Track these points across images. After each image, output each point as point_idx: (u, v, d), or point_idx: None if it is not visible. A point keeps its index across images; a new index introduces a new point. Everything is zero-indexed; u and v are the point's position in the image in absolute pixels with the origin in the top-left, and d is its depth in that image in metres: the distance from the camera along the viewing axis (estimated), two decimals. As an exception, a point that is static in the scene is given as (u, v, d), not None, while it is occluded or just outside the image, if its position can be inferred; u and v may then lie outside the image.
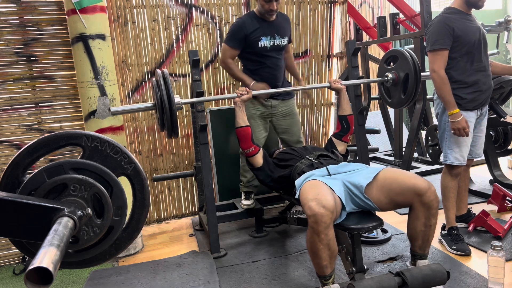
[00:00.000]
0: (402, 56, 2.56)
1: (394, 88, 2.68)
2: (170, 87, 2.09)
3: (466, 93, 2.35)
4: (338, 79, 2.67)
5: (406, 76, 2.55)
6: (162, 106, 2.08)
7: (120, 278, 2.40)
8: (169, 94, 2.08)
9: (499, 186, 3.04)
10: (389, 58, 2.71)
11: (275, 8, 2.73)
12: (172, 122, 2.11)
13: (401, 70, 2.59)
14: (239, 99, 2.46)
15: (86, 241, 1.09)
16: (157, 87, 2.10)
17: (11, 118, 2.75)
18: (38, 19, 2.73)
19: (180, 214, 3.49)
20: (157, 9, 3.18)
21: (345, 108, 2.60)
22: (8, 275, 2.64)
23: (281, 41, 2.87)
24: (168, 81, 2.10)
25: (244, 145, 2.44)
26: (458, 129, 2.31)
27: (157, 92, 2.09)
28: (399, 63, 2.60)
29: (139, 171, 1.21)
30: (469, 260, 2.33)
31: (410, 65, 2.50)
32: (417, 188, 1.88)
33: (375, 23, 4.23)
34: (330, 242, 1.78)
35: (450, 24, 2.28)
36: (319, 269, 1.85)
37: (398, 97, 2.66)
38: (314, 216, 1.72)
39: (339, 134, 2.61)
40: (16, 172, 1.12)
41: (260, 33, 2.78)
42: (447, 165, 2.47)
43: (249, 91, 2.48)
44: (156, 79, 2.13)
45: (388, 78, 2.65)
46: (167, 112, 2.08)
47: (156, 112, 2.16)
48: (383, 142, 4.97)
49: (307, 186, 1.94)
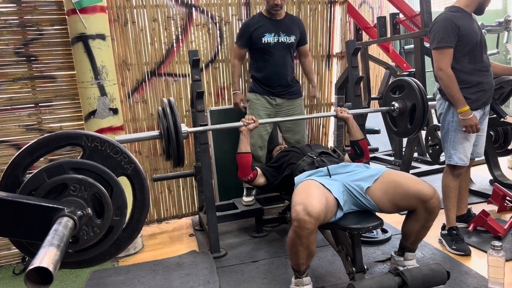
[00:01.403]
0: (409, 86, 2.54)
1: (400, 117, 2.65)
2: (178, 117, 2.00)
3: (470, 93, 2.35)
4: (344, 108, 2.58)
5: (413, 106, 2.53)
6: (168, 136, 1.99)
7: (120, 278, 2.40)
8: (176, 125, 1.98)
9: (499, 186, 3.04)
10: (395, 87, 2.69)
11: (279, 2, 2.81)
12: (178, 152, 2.02)
13: (408, 100, 2.56)
14: (245, 128, 2.40)
15: (86, 241, 1.09)
16: (163, 116, 2.01)
17: (11, 118, 2.75)
18: (38, 19, 2.73)
19: (180, 214, 3.49)
20: (157, 9, 3.17)
21: (355, 135, 2.50)
22: (8, 275, 2.64)
23: (287, 39, 2.93)
24: (175, 110, 2.01)
25: (242, 173, 2.39)
26: (470, 126, 2.31)
27: (163, 122, 2.00)
28: (405, 92, 2.57)
29: (139, 171, 1.21)
30: (469, 260, 2.33)
31: (418, 95, 2.48)
32: (423, 194, 1.89)
33: (375, 23, 4.23)
34: (310, 245, 1.82)
35: (456, 22, 2.27)
36: (295, 265, 1.93)
37: (405, 127, 2.63)
38: (298, 221, 1.75)
39: (353, 156, 2.52)
40: (16, 172, 1.12)
41: (263, 30, 2.89)
42: (450, 165, 2.47)
43: (255, 120, 2.43)
44: (163, 107, 2.04)
45: (395, 108, 2.62)
46: (173, 143, 1.99)
47: (161, 141, 2.07)
48: (383, 142, 4.97)
49: (300, 187, 1.96)
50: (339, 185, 1.99)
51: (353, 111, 2.63)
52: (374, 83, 5.88)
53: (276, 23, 2.92)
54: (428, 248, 2.50)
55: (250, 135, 2.43)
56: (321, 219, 1.79)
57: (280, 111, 3.03)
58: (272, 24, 2.92)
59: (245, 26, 2.98)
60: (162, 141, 2.06)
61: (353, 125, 2.52)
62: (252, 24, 2.94)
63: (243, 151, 2.38)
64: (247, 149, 2.38)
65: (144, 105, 3.26)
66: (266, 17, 2.96)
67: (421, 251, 2.45)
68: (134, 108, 3.23)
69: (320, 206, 1.77)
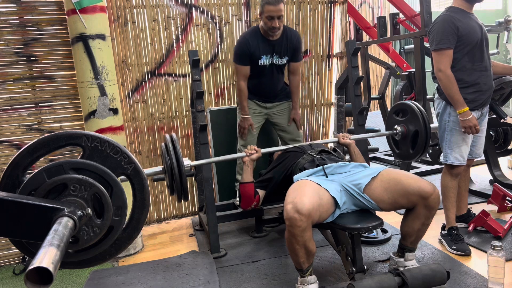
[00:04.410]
0: (412, 111, 2.52)
1: (403, 141, 2.64)
2: (180, 153, 2.01)
3: (466, 93, 2.35)
4: (347, 134, 2.58)
5: (415, 132, 2.53)
6: (172, 173, 2.01)
7: (120, 278, 2.40)
8: (179, 160, 2.00)
9: (499, 186, 3.04)
10: (398, 110, 2.68)
11: (277, 25, 2.76)
12: (182, 188, 2.03)
13: (410, 124, 2.56)
14: (249, 158, 2.40)
15: (86, 241, 1.09)
16: (166, 152, 2.02)
17: (11, 118, 2.75)
18: (38, 19, 2.73)
19: (180, 214, 3.49)
20: (157, 9, 3.17)
21: (357, 161, 2.48)
22: (8, 275, 2.64)
23: (279, 61, 2.94)
24: (177, 146, 2.03)
25: (245, 204, 2.42)
26: (469, 127, 2.31)
27: (166, 158, 2.02)
28: (408, 117, 2.57)
29: (139, 171, 1.21)
30: (469, 260, 2.33)
31: (421, 122, 2.47)
32: (423, 191, 1.90)
33: (375, 23, 4.23)
34: (307, 243, 1.82)
35: (455, 23, 2.27)
36: (297, 264, 1.93)
37: (406, 151, 2.63)
38: (289, 220, 1.77)
39: None
40: (16, 172, 1.12)
41: (260, 52, 2.87)
42: (447, 165, 2.48)
43: (258, 150, 2.43)
44: (165, 143, 2.06)
45: (397, 131, 2.62)
46: (177, 179, 2.01)
47: (165, 177, 2.09)
48: (383, 142, 4.94)
49: (293, 187, 1.97)
50: (337, 185, 2.00)
51: (355, 136, 2.63)
52: (374, 83, 5.89)
53: (271, 44, 2.88)
54: (428, 248, 2.50)
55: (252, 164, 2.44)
56: (314, 217, 1.80)
57: (271, 113, 3.14)
58: (268, 45, 2.88)
59: (244, 46, 2.87)
60: (166, 178, 2.08)
61: (355, 152, 2.52)
62: (250, 44, 2.85)
63: (246, 181, 2.39)
64: (249, 179, 2.40)
65: (144, 105, 3.26)
66: (263, 36, 2.87)
67: (421, 251, 2.45)
68: (134, 108, 3.24)
69: (310, 204, 1.77)
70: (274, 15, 2.73)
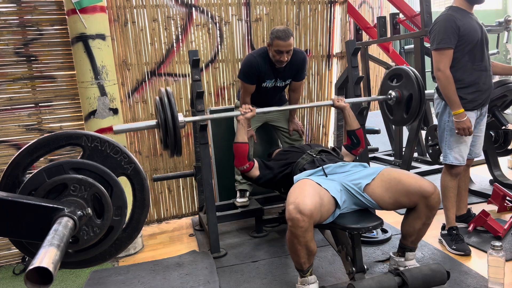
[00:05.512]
0: (407, 75, 2.53)
1: (396, 106, 2.64)
2: (175, 106, 2.03)
3: (466, 93, 2.35)
4: (341, 97, 2.61)
5: (410, 96, 2.53)
6: (166, 126, 2.02)
7: (120, 278, 2.40)
8: (174, 113, 2.01)
9: (499, 186, 3.04)
10: (393, 76, 2.68)
11: (285, 59, 2.71)
12: (175, 142, 2.05)
13: (405, 89, 2.56)
14: (243, 117, 2.41)
15: (86, 241, 1.09)
16: (160, 105, 2.03)
17: (11, 118, 2.75)
18: (38, 19, 2.73)
19: (180, 214, 3.49)
20: (157, 9, 3.17)
21: (352, 124, 2.54)
22: (8, 275, 2.64)
23: (281, 83, 2.94)
24: (172, 99, 2.04)
25: (238, 162, 2.39)
26: (463, 128, 2.31)
27: (160, 111, 2.03)
28: (403, 82, 2.57)
29: (139, 171, 1.21)
30: (469, 260, 2.33)
31: (415, 85, 2.47)
32: (424, 190, 1.90)
33: (375, 23, 4.23)
34: (308, 243, 1.82)
35: (457, 23, 2.28)
36: (297, 264, 1.93)
37: (400, 116, 2.63)
38: (291, 220, 1.76)
39: (349, 146, 2.56)
40: (16, 172, 1.12)
41: (265, 76, 2.85)
42: (447, 165, 2.48)
43: (252, 109, 2.44)
44: (160, 97, 2.07)
45: (392, 97, 2.62)
46: (170, 131, 2.02)
47: (159, 131, 2.10)
48: (383, 142, 4.97)
49: (294, 187, 1.97)
50: (337, 184, 2.00)
51: (349, 100, 2.65)
52: (374, 83, 5.90)
53: (277, 70, 2.86)
54: (428, 248, 2.50)
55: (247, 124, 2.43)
56: (316, 217, 1.80)
57: (269, 119, 3.13)
58: (273, 71, 2.86)
59: (252, 68, 2.80)
60: (160, 131, 2.09)
61: (349, 114, 2.55)
62: (258, 67, 2.79)
63: (240, 141, 2.38)
64: (244, 139, 2.38)
65: (144, 105, 3.26)
66: (270, 62, 2.80)
67: (421, 251, 2.45)
68: (134, 108, 3.24)
69: (312, 204, 1.77)
70: (283, 50, 2.66)
